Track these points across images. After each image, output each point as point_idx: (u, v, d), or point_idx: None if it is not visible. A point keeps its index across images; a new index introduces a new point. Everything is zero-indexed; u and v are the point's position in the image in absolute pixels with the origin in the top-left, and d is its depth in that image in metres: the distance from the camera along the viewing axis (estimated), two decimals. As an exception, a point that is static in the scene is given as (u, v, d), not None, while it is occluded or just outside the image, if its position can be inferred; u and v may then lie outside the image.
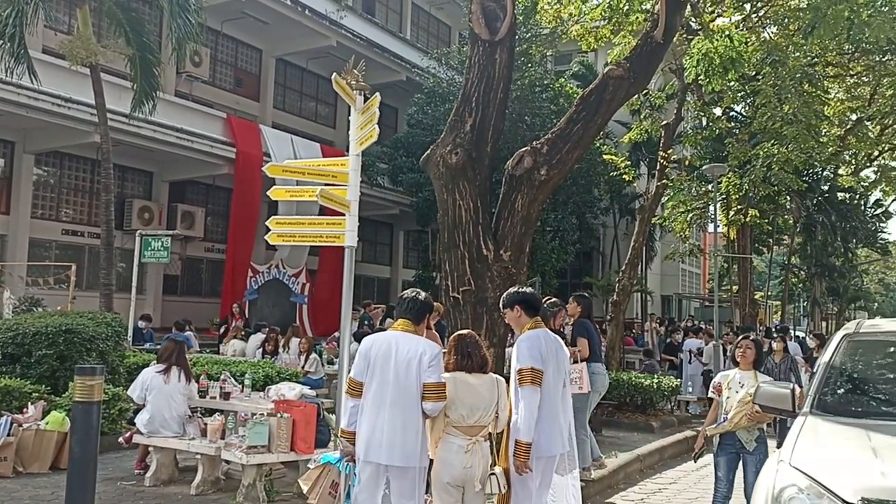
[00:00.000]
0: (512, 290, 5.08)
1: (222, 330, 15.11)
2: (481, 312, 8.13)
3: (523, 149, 8.69)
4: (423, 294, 4.76)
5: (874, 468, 3.39)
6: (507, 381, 4.82)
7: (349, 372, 6.22)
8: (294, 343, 11.87)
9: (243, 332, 13.47)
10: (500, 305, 5.10)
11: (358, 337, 12.66)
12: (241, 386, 8.04)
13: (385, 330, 5.01)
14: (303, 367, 11.03)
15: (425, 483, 4.52)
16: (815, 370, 4.87)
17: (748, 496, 5.33)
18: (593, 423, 10.81)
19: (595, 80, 9.31)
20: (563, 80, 23.20)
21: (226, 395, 7.70)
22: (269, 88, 23.17)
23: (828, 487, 3.32)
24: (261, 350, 12.27)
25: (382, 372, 4.41)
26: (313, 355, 11.44)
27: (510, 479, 4.66)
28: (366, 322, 15.09)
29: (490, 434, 4.74)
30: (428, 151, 8.74)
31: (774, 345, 10.49)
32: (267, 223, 6.53)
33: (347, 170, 6.31)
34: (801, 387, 5.13)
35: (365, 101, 6.31)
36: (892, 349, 5.16)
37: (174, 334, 11.13)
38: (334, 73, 6.19)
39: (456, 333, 4.88)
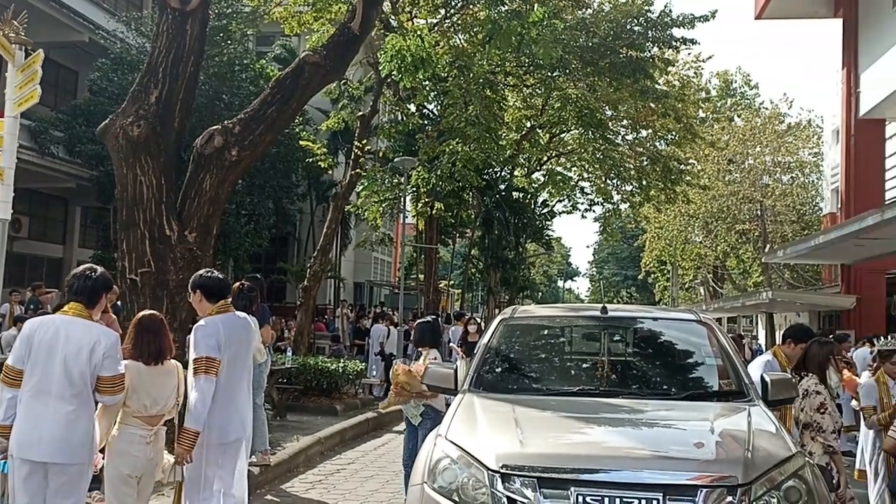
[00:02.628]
0: (197, 273, 4.92)
1: None
2: (161, 295, 7.73)
3: (213, 127, 8.40)
4: (97, 271, 4.30)
5: (514, 438, 3.82)
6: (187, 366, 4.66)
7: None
8: (-67, 329, 10.27)
9: None
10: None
11: (18, 321, 11.34)
12: None
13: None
14: (-56, 357, 9.58)
15: (90, 479, 4.21)
16: (474, 353, 5.35)
17: None
18: (278, 409, 10.87)
19: (292, 64, 9.30)
20: (264, 61, 22.74)
21: None
22: (-89, 32, 19.65)
23: (475, 457, 3.68)
24: None
25: (47, 361, 3.99)
26: (-43, 343, 9.99)
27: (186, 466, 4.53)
28: (31, 306, 13.52)
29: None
30: (106, 121, 8.09)
31: None
32: None
33: (2, 133, 5.58)
34: None
35: (27, 58, 5.62)
36: (543, 332, 5.84)
37: None
38: (-12, 23, 5.43)
39: (138, 317, 4.58)
